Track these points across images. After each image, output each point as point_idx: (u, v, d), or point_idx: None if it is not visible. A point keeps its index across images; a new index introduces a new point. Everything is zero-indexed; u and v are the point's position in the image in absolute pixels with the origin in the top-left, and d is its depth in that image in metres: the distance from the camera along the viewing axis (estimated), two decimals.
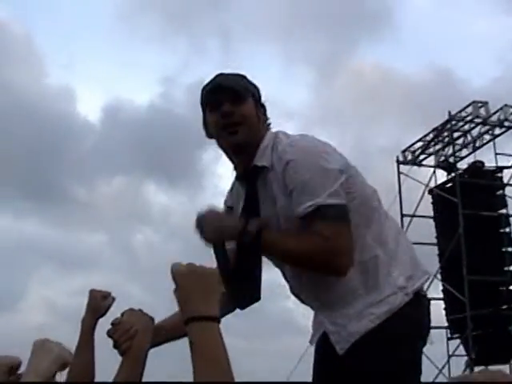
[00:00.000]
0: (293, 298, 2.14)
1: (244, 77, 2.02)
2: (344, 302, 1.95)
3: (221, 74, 2.01)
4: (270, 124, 2.05)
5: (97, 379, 1.98)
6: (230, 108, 1.92)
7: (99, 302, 2.19)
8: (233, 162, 2.05)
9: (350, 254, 1.86)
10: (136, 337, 1.74)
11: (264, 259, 1.99)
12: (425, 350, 2.04)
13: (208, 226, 1.89)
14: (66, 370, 1.92)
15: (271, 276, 2.18)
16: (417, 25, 30.83)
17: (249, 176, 2.01)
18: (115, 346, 1.75)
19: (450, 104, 14.61)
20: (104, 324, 2.01)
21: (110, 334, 1.78)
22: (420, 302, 1.99)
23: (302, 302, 2.12)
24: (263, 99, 2.05)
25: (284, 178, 1.90)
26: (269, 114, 2.06)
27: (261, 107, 2.02)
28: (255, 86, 2.03)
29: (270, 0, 27.23)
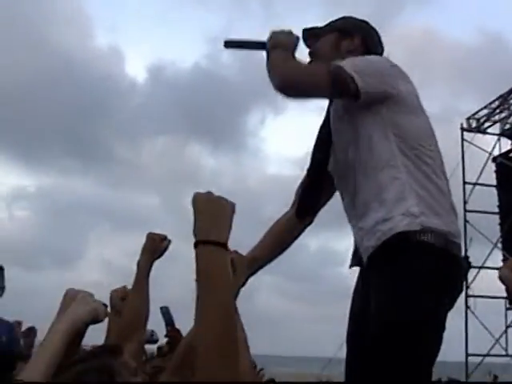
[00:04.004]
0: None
1: (340, 18, 2.28)
2: (365, 210, 1.99)
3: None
4: (368, 50, 2.19)
5: None
6: (310, 45, 2.26)
7: (157, 244, 2.18)
8: None
9: (297, 78, 2.03)
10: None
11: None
12: (482, 319, 1.91)
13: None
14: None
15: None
16: None
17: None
18: None
19: (502, 68, 14.20)
20: None
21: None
22: (447, 248, 1.88)
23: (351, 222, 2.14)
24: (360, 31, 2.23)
25: None
26: None
27: (348, 36, 2.21)
28: (348, 22, 2.26)
29: None
